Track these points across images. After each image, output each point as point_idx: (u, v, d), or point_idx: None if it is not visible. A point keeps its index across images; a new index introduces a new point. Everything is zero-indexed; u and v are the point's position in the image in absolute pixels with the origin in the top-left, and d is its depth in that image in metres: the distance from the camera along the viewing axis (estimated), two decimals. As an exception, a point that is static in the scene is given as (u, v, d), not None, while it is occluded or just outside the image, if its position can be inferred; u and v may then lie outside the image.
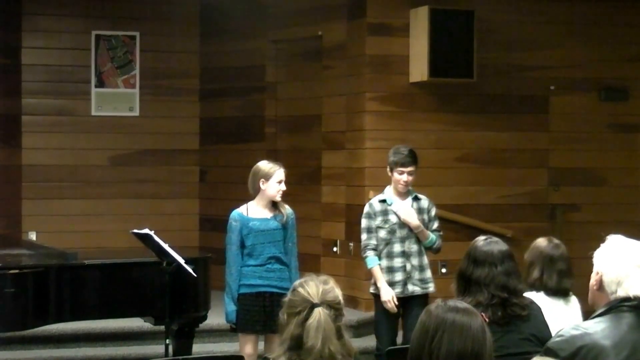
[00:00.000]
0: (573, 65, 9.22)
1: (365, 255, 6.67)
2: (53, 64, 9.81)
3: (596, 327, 3.10)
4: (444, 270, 8.49)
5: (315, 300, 3.13)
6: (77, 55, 9.87)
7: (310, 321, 3.09)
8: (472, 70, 8.62)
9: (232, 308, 6.29)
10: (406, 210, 6.63)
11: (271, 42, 9.75)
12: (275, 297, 6.08)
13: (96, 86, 9.92)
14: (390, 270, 6.62)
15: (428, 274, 6.68)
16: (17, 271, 6.01)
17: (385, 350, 5.26)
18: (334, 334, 3.10)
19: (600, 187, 9.33)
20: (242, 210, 6.35)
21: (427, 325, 2.84)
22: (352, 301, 8.49)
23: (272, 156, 7.84)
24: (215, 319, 7.22)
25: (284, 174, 6.32)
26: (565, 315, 4.61)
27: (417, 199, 6.75)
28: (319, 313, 3.10)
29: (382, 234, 6.65)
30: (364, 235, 6.67)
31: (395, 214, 6.66)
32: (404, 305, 6.64)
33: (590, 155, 9.29)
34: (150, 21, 10.10)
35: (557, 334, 3.18)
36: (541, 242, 4.82)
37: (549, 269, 4.72)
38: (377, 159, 8.10)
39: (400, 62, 8.71)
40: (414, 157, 6.67)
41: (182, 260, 6.09)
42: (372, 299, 6.78)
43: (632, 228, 4.69)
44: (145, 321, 6.84)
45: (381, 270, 6.60)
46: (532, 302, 4.25)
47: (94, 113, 9.91)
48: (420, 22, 8.56)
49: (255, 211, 6.34)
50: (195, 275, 6.19)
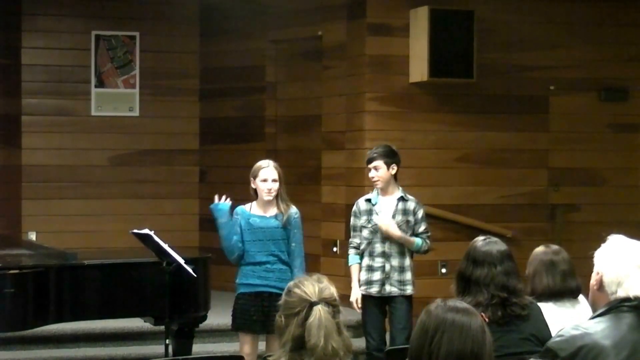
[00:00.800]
0: (573, 65, 9.22)
1: (348, 252, 6.82)
2: (53, 64, 9.80)
3: (596, 327, 3.10)
4: (444, 270, 8.49)
5: (314, 299, 3.13)
6: (77, 55, 9.87)
7: (310, 320, 3.08)
8: (472, 70, 8.62)
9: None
10: (385, 223, 6.61)
11: (271, 42, 9.75)
12: (274, 297, 6.06)
13: (96, 86, 9.92)
14: (370, 269, 6.69)
15: (408, 276, 6.68)
16: (17, 271, 6.00)
17: (385, 351, 5.26)
18: (335, 331, 3.10)
19: (600, 187, 9.32)
20: (246, 207, 6.43)
21: (427, 326, 2.83)
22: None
23: (272, 156, 7.82)
24: (215, 319, 7.22)
25: (273, 173, 6.30)
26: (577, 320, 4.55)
27: (403, 199, 6.73)
28: (319, 311, 3.09)
29: (365, 233, 6.73)
30: (351, 233, 6.81)
31: (378, 214, 6.67)
32: (388, 304, 6.72)
33: (590, 155, 9.28)
34: (150, 21, 10.09)
35: (557, 333, 3.18)
36: (539, 251, 4.80)
37: (552, 272, 4.67)
38: (377, 159, 8.09)
39: (400, 62, 8.71)
40: (381, 153, 6.63)
41: (182, 260, 6.09)
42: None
43: (632, 228, 4.68)
44: (145, 321, 6.84)
45: (362, 268, 6.71)
46: (531, 302, 4.25)
47: (94, 113, 9.91)
48: (420, 22, 8.56)
49: (257, 209, 6.40)
50: (195, 275, 6.19)
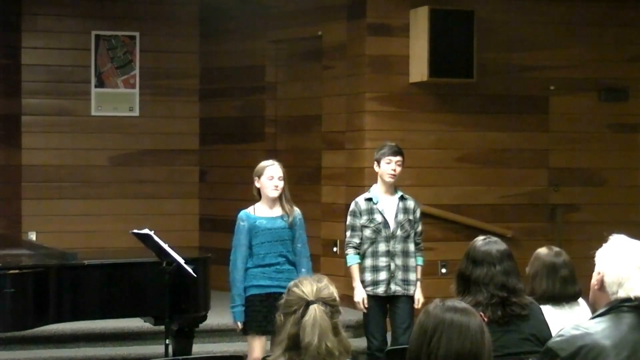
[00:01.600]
0: (573, 65, 9.22)
1: (346, 252, 6.73)
2: (53, 64, 9.80)
3: (597, 327, 3.10)
4: (444, 270, 8.48)
5: (310, 298, 3.14)
6: (77, 55, 9.87)
7: (305, 318, 3.09)
8: (472, 70, 8.62)
9: (239, 308, 6.22)
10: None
11: (271, 42, 9.75)
12: (284, 298, 6.07)
13: (96, 86, 9.92)
14: (375, 269, 6.64)
15: (412, 275, 6.67)
16: (17, 271, 6.00)
17: (385, 351, 5.26)
18: (330, 330, 3.10)
19: (600, 187, 9.32)
20: (249, 210, 6.32)
21: (426, 326, 2.83)
22: (351, 301, 8.45)
23: (272, 156, 7.82)
24: (215, 319, 7.22)
25: (278, 170, 6.28)
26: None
27: (403, 198, 6.74)
28: (315, 310, 3.10)
29: (367, 232, 6.66)
30: (348, 233, 6.72)
31: (381, 213, 6.65)
32: (390, 304, 6.69)
33: (590, 155, 9.28)
34: (150, 21, 10.09)
35: (557, 333, 3.18)
36: (542, 252, 4.78)
37: (552, 276, 4.66)
38: (377, 159, 8.09)
39: (400, 62, 8.71)
40: (401, 150, 6.69)
41: (182, 261, 6.09)
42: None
43: (632, 228, 4.67)
44: (145, 321, 6.83)
45: (364, 269, 6.65)
46: (532, 302, 4.24)
47: (94, 113, 9.91)
48: (420, 22, 8.55)
49: (261, 211, 6.31)
50: (195, 276, 6.18)
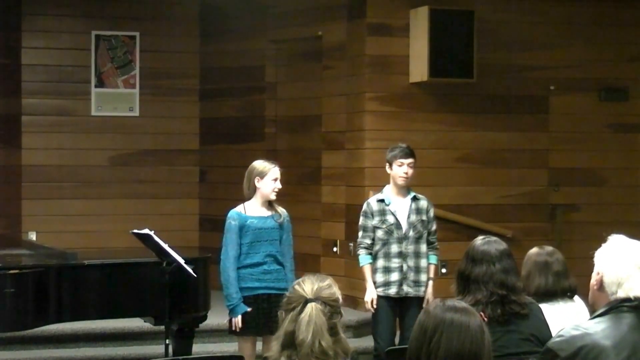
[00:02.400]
0: (573, 65, 9.22)
1: (357, 253, 6.74)
2: (53, 64, 9.81)
3: (596, 327, 3.10)
4: (444, 270, 8.48)
5: (309, 296, 3.16)
6: (77, 55, 9.87)
7: (301, 315, 3.12)
8: (472, 70, 8.62)
9: (239, 302, 6.14)
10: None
11: (271, 42, 9.75)
12: (273, 298, 6.08)
13: (96, 86, 9.92)
14: (387, 270, 6.62)
15: (423, 277, 6.67)
16: (17, 271, 6.01)
17: (385, 351, 5.26)
18: (326, 330, 3.12)
19: (600, 187, 9.32)
20: (240, 209, 6.30)
21: (426, 325, 2.83)
22: (352, 301, 8.48)
23: (272, 156, 7.83)
24: (215, 319, 7.21)
25: (279, 173, 6.31)
26: (570, 320, 4.56)
27: (416, 198, 6.75)
28: (311, 307, 3.12)
29: (380, 234, 6.65)
30: (360, 234, 6.72)
31: (393, 214, 6.65)
32: (401, 306, 6.66)
33: (590, 155, 9.28)
34: (150, 21, 10.10)
35: (557, 334, 3.18)
36: (533, 252, 4.82)
37: (545, 272, 4.69)
38: (377, 159, 8.09)
39: (400, 62, 8.71)
40: (413, 152, 6.71)
41: (182, 261, 6.09)
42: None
43: (632, 228, 4.68)
44: (145, 321, 6.83)
45: (375, 270, 6.63)
46: (531, 302, 4.25)
47: (94, 113, 9.91)
48: (420, 22, 8.55)
49: (252, 210, 6.30)
50: (195, 276, 6.19)
